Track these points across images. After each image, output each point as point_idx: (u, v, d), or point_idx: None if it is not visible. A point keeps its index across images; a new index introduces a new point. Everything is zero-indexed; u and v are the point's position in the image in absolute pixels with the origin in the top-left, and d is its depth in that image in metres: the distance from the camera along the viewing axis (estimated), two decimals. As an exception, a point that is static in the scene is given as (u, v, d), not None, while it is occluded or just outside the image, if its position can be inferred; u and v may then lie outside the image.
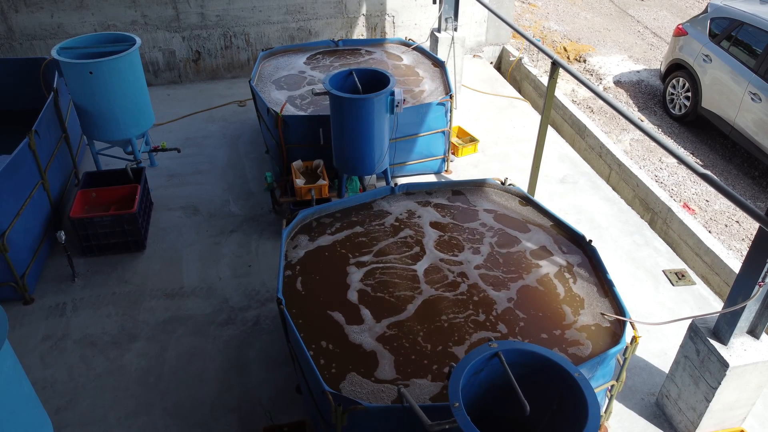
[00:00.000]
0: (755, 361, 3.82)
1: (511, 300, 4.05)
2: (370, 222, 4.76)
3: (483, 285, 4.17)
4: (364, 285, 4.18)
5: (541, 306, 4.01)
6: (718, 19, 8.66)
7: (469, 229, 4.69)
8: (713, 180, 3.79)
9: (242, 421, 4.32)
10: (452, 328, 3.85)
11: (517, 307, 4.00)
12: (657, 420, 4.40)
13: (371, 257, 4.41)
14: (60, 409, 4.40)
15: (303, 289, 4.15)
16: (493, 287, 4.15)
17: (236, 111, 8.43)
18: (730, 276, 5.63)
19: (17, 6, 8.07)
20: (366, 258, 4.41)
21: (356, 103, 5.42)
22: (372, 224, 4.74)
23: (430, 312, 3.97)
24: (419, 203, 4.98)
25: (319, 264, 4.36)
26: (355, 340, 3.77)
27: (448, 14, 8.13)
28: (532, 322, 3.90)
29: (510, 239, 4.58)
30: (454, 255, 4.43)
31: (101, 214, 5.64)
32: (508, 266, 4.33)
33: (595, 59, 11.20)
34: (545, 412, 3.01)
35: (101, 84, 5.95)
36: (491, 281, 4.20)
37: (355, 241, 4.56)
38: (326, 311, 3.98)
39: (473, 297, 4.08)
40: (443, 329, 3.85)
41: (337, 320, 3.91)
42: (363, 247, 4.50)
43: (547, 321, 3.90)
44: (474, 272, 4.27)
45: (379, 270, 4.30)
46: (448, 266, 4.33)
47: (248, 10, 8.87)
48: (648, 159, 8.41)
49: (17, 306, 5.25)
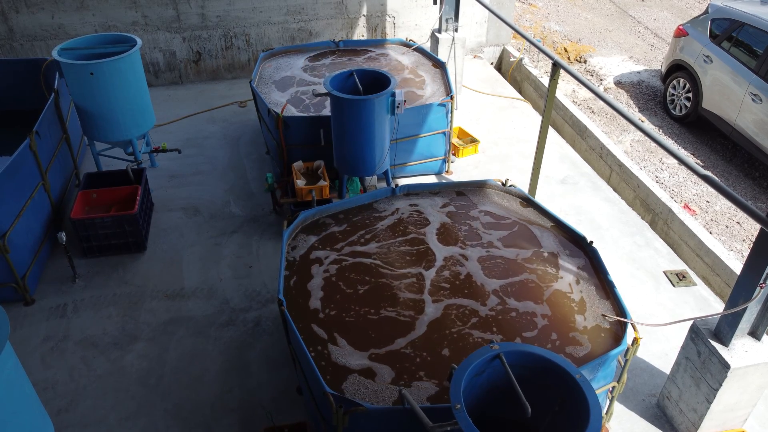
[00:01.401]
0: (756, 362, 3.82)
1: (512, 301, 4.05)
2: (370, 223, 4.76)
3: (483, 286, 4.17)
4: (364, 286, 4.18)
5: (541, 307, 4.01)
6: (718, 19, 8.66)
7: (470, 230, 4.69)
8: (714, 181, 3.79)
9: (243, 422, 4.32)
10: (452, 329, 3.85)
11: (517, 308, 4.00)
12: (658, 421, 4.40)
13: (372, 258, 4.41)
14: (61, 411, 4.40)
15: (304, 290, 4.14)
16: (494, 288, 4.15)
17: (237, 112, 8.44)
18: (731, 277, 5.63)
19: (18, 6, 8.07)
20: (367, 258, 4.41)
21: (357, 104, 5.42)
22: (372, 225, 4.74)
23: (430, 313, 3.97)
24: (420, 204, 4.98)
25: (320, 265, 4.36)
26: (357, 338, 3.77)
27: (449, 15, 8.13)
28: (533, 323, 3.89)
29: (510, 240, 4.58)
30: (455, 256, 4.43)
31: (102, 215, 5.64)
32: (508, 267, 4.33)
33: (595, 60, 11.20)
34: (546, 414, 3.01)
35: (102, 85, 5.95)
36: (492, 282, 4.20)
37: (355, 242, 4.56)
38: (327, 312, 3.98)
39: (473, 298, 4.07)
40: (443, 330, 3.84)
41: (337, 321, 3.91)
42: (364, 248, 4.50)
43: (548, 322, 3.90)
44: (474, 273, 4.27)
45: (380, 270, 4.30)
46: (449, 267, 4.33)
47: (249, 11, 8.88)
48: (649, 160, 8.40)
49: (18, 307, 5.25)
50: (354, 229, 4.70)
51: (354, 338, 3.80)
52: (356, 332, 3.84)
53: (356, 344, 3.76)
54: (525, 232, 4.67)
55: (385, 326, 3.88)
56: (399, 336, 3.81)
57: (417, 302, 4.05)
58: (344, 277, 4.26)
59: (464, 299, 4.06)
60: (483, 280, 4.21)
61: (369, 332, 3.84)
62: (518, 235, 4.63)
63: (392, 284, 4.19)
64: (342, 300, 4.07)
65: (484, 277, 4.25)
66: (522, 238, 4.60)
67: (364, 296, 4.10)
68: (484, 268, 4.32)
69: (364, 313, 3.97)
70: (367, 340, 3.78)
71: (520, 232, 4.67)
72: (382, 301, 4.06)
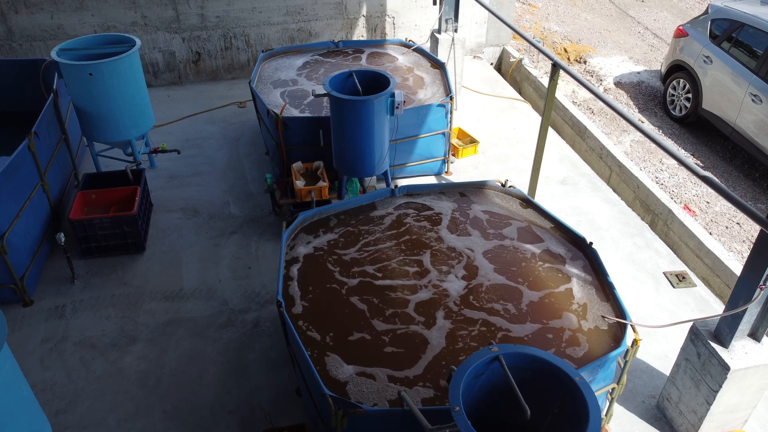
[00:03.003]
0: (756, 364, 3.81)
1: (511, 303, 4.04)
2: (370, 224, 4.75)
3: (482, 287, 4.16)
4: (363, 287, 4.17)
5: (541, 309, 4.00)
6: (718, 20, 8.66)
7: (469, 231, 4.68)
8: (714, 182, 3.79)
9: (242, 423, 4.31)
10: (452, 330, 3.84)
11: (517, 309, 3.99)
12: (658, 423, 4.39)
13: (372, 258, 4.40)
14: (59, 412, 4.39)
15: (303, 291, 4.14)
16: (493, 290, 4.14)
17: (236, 112, 8.43)
18: (731, 278, 5.62)
19: (17, 7, 8.07)
20: (367, 259, 4.40)
21: (356, 105, 5.41)
22: (372, 226, 4.73)
23: (429, 313, 3.96)
24: (419, 205, 4.97)
25: (319, 266, 4.35)
26: (356, 339, 3.76)
27: (449, 15, 8.12)
28: (533, 325, 3.89)
29: (510, 241, 4.57)
30: (454, 257, 4.42)
31: (101, 215, 5.64)
32: (507, 269, 4.32)
33: (595, 60, 11.19)
34: (546, 416, 3.00)
35: (101, 85, 5.94)
36: (491, 283, 4.19)
37: (355, 243, 4.55)
38: (326, 313, 3.97)
39: (472, 299, 4.07)
40: (442, 331, 3.84)
41: (336, 322, 3.91)
42: (363, 249, 4.49)
43: (548, 324, 3.89)
44: (473, 274, 4.26)
45: (379, 271, 4.29)
46: (448, 267, 4.32)
47: (248, 11, 8.87)
48: (648, 160, 8.40)
49: (17, 308, 5.24)
50: (353, 230, 4.70)
51: (353, 340, 3.79)
52: (356, 334, 3.83)
53: (355, 346, 3.75)
54: (524, 234, 4.66)
55: (384, 327, 3.87)
56: (398, 337, 3.81)
57: (415, 303, 4.04)
58: (343, 277, 4.25)
59: (462, 300, 4.06)
60: (482, 282, 4.21)
61: (368, 334, 3.83)
62: (518, 237, 4.62)
63: (391, 285, 4.18)
64: (341, 301, 4.06)
65: (483, 278, 4.24)
66: (521, 240, 4.59)
67: (364, 297, 4.09)
68: (483, 270, 4.31)
69: (364, 314, 3.96)
70: (366, 342, 3.78)
71: (520, 233, 4.66)
72: (380, 302, 4.05)
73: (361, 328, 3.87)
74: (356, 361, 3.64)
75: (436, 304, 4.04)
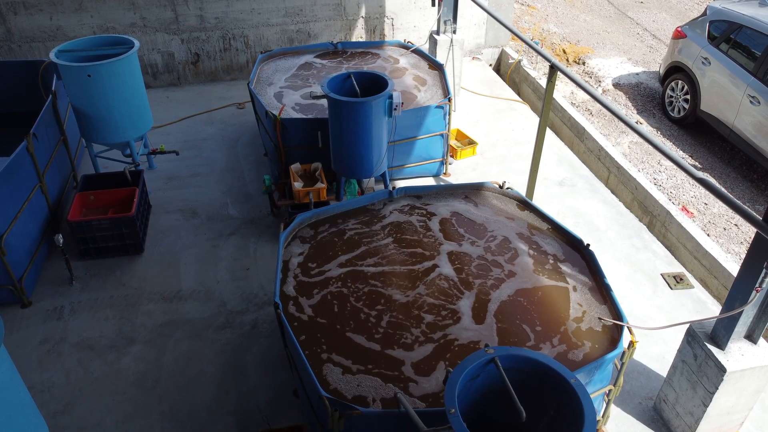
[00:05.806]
0: (753, 366, 3.82)
1: (508, 304, 4.05)
2: (368, 225, 4.76)
3: (480, 288, 4.16)
4: (361, 288, 4.18)
5: (537, 310, 4.01)
6: (716, 21, 8.67)
7: (467, 232, 4.68)
8: (710, 184, 3.79)
9: (240, 424, 4.31)
10: (449, 331, 3.85)
11: (513, 311, 4.00)
12: (654, 424, 4.40)
13: (369, 260, 4.41)
14: (57, 414, 4.39)
15: (300, 293, 4.14)
16: (490, 291, 4.15)
17: (235, 113, 8.43)
18: (729, 279, 5.63)
19: (16, 8, 8.07)
20: (364, 261, 4.40)
21: (354, 107, 5.42)
22: (370, 227, 4.73)
23: (430, 314, 3.97)
24: (417, 206, 4.98)
25: (317, 267, 4.36)
26: (353, 341, 3.77)
27: (447, 17, 8.13)
28: (529, 326, 3.89)
29: (507, 243, 4.58)
30: (452, 258, 4.43)
31: (99, 217, 5.64)
32: (505, 270, 4.33)
33: (594, 61, 11.20)
34: (542, 418, 3.01)
35: (100, 87, 5.95)
36: (488, 285, 4.20)
37: (352, 245, 4.56)
38: (323, 315, 3.97)
39: (470, 301, 4.07)
40: (441, 332, 3.84)
41: (334, 323, 3.91)
42: (361, 251, 4.50)
43: (544, 325, 3.90)
44: (471, 275, 4.27)
45: (377, 273, 4.30)
46: (446, 269, 4.33)
47: (247, 13, 8.88)
48: (647, 162, 8.41)
49: (15, 309, 5.24)
50: (351, 231, 4.70)
51: (351, 342, 3.80)
52: (353, 336, 3.84)
53: (352, 348, 3.76)
54: (522, 235, 4.67)
55: (381, 330, 3.88)
56: (396, 339, 3.81)
57: (414, 304, 4.05)
58: (341, 279, 4.26)
59: (461, 301, 4.06)
60: (480, 283, 4.21)
61: (365, 336, 3.83)
62: (515, 238, 4.63)
63: (389, 286, 4.18)
64: (339, 303, 4.07)
65: (482, 279, 4.24)
66: (519, 241, 4.60)
67: (361, 299, 4.09)
68: (481, 271, 4.32)
69: (361, 316, 3.97)
70: (364, 344, 3.78)
71: (518, 234, 4.67)
72: (378, 304, 4.06)
73: (358, 330, 3.87)
74: (353, 363, 3.65)
75: (433, 305, 4.04)
